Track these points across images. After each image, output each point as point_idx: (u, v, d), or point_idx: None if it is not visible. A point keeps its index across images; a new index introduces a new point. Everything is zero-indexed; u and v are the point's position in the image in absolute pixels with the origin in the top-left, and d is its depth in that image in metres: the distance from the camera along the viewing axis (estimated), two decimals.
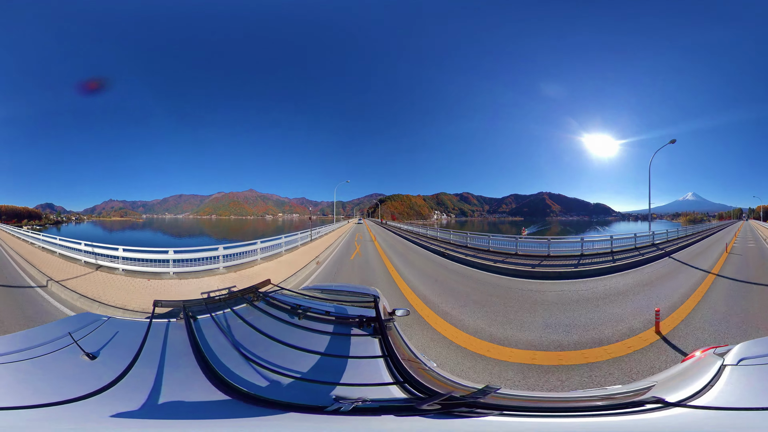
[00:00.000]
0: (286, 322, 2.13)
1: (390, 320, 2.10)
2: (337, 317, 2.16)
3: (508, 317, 6.49)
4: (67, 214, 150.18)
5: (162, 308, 2.34)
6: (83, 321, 2.29)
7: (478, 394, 1.44)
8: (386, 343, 1.74)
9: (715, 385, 1.38)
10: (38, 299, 7.95)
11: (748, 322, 5.86)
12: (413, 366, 1.68)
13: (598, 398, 1.66)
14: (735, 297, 7.59)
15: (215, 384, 1.45)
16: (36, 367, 1.63)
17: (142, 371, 1.55)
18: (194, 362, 1.61)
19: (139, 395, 1.38)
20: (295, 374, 1.54)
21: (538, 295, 8.23)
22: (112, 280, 9.78)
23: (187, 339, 1.85)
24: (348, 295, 3.20)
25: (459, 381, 1.83)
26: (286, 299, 2.48)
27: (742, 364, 1.53)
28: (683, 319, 6.04)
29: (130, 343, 1.80)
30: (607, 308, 6.99)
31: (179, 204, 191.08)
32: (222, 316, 2.19)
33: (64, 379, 1.53)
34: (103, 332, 2.10)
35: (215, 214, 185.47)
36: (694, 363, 1.79)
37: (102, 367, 1.60)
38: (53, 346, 1.81)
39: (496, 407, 1.39)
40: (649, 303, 7.08)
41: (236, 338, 1.89)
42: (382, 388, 1.50)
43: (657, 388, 1.52)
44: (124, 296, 7.98)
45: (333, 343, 1.87)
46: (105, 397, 1.36)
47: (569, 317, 6.40)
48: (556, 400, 1.85)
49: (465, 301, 7.66)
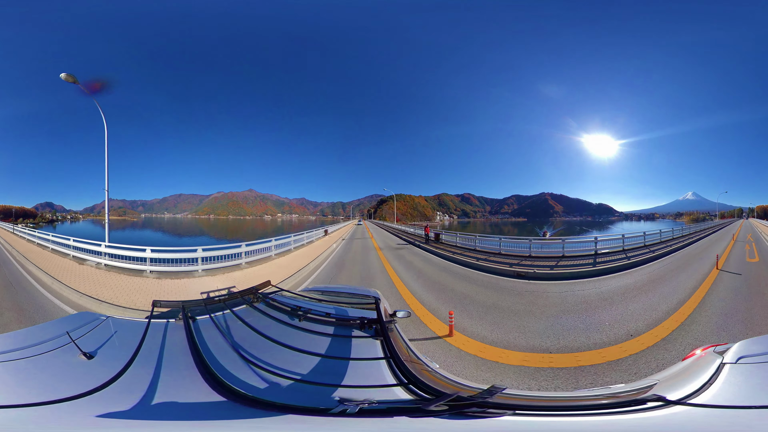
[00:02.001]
0: (286, 323, 2.11)
1: (391, 322, 2.09)
2: (337, 319, 2.15)
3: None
4: (63, 213, 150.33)
5: (161, 308, 2.32)
6: (82, 320, 2.28)
7: (485, 394, 1.43)
8: (388, 345, 1.73)
9: (714, 384, 1.40)
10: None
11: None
12: (416, 367, 1.66)
13: (603, 397, 1.67)
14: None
15: (212, 385, 1.43)
16: (31, 366, 1.62)
17: (138, 371, 1.54)
18: (192, 363, 1.59)
19: (132, 396, 1.36)
20: (295, 376, 1.52)
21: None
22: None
23: (185, 340, 1.83)
24: (349, 296, 3.19)
25: (462, 381, 1.82)
26: (287, 301, 2.47)
27: (741, 362, 1.56)
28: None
29: (128, 343, 1.78)
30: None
31: (178, 203, 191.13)
32: (221, 317, 2.18)
33: (57, 379, 1.52)
34: (101, 332, 2.09)
35: (213, 214, 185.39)
36: (694, 361, 1.81)
37: (98, 367, 1.59)
38: (51, 345, 1.80)
39: (507, 407, 1.39)
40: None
41: (235, 339, 1.87)
42: (386, 390, 1.49)
43: (659, 386, 1.53)
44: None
45: (334, 345, 1.86)
46: (95, 398, 1.34)
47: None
48: (564, 399, 1.85)
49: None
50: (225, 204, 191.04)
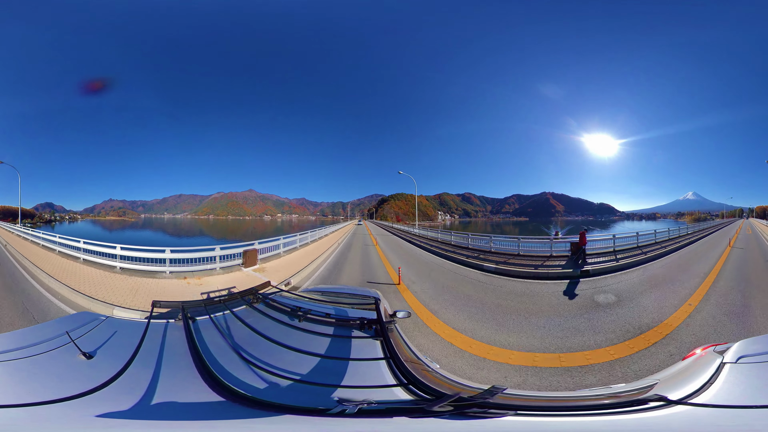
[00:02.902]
0: (286, 324, 2.10)
1: (391, 322, 2.09)
2: (337, 319, 2.15)
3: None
4: (61, 213, 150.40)
5: (161, 309, 2.32)
6: (81, 320, 2.27)
7: (486, 394, 1.43)
8: (388, 345, 1.73)
9: (714, 383, 1.39)
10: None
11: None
12: (416, 368, 1.66)
13: (605, 397, 1.67)
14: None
15: (211, 385, 1.43)
16: (31, 365, 1.62)
17: (137, 372, 1.53)
18: (191, 363, 1.59)
19: (132, 395, 1.37)
20: (294, 376, 1.52)
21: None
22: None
23: (185, 340, 1.82)
24: (349, 297, 3.19)
25: (463, 382, 1.81)
26: (286, 301, 2.46)
27: (741, 362, 1.56)
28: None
29: (127, 344, 1.78)
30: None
31: (178, 204, 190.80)
32: (221, 317, 2.17)
33: (55, 379, 1.52)
34: (101, 332, 2.08)
35: (212, 215, 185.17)
36: (694, 361, 1.81)
37: (97, 367, 1.59)
38: (51, 345, 1.80)
39: (509, 407, 1.39)
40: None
41: (235, 340, 1.86)
42: (386, 390, 1.48)
43: (659, 386, 1.53)
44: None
45: (334, 346, 1.85)
46: (95, 398, 1.35)
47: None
48: (565, 399, 1.85)
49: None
50: (224, 204, 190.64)
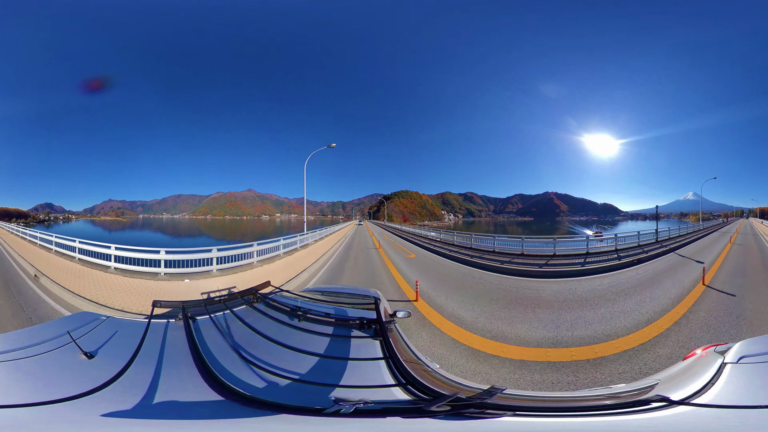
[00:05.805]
0: (285, 323, 2.11)
1: (391, 322, 2.10)
2: (337, 319, 2.15)
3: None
4: (58, 213, 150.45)
5: (161, 308, 2.32)
6: (82, 320, 2.28)
7: (484, 394, 1.43)
8: (387, 345, 1.73)
9: (716, 384, 1.39)
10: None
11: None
12: (416, 368, 1.67)
13: (605, 397, 1.67)
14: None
15: (211, 385, 1.44)
16: (32, 365, 1.63)
17: (138, 371, 1.54)
18: (191, 363, 1.60)
19: (133, 395, 1.37)
20: (292, 376, 1.53)
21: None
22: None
23: (185, 340, 1.83)
24: (348, 297, 3.19)
25: (463, 382, 1.81)
26: (286, 301, 2.47)
27: (742, 362, 1.55)
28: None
29: (128, 343, 1.79)
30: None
31: (177, 204, 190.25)
32: (221, 317, 2.18)
33: (59, 378, 1.53)
34: (101, 332, 2.09)
35: (210, 214, 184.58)
36: (695, 361, 1.81)
37: (98, 367, 1.60)
38: (51, 345, 1.81)
39: (507, 408, 1.39)
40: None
41: (235, 339, 1.87)
42: (384, 390, 1.49)
43: (660, 386, 1.53)
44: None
45: (333, 345, 1.86)
46: (98, 397, 1.36)
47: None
48: (565, 399, 1.85)
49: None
50: (223, 204, 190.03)
